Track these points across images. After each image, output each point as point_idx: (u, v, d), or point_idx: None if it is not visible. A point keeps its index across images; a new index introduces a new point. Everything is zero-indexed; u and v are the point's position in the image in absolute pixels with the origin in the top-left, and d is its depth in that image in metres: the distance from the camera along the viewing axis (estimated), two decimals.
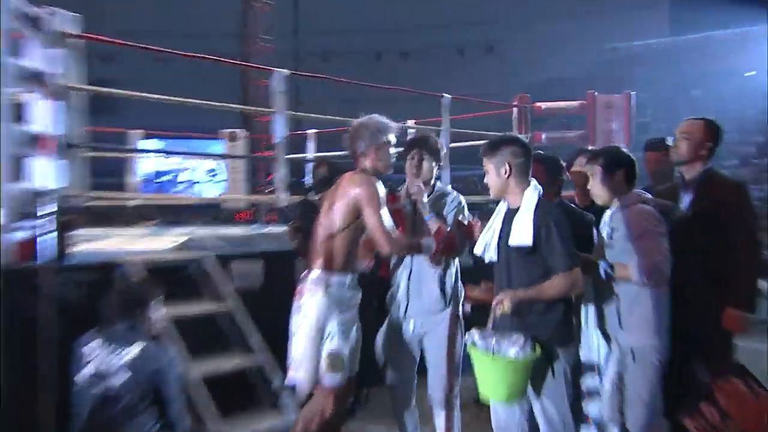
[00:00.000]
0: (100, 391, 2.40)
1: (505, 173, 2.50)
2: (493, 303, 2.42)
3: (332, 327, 2.53)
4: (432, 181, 3.08)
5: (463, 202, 3.08)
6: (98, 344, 2.50)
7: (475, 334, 2.42)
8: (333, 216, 2.58)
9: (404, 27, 25.58)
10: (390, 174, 2.80)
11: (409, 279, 3.02)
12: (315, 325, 2.51)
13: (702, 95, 24.02)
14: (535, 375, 2.41)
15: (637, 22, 25.50)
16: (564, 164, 3.05)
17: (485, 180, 2.59)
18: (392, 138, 2.71)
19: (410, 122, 7.17)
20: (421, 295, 3.00)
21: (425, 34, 26.06)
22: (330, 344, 2.54)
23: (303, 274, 2.66)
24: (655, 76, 26.15)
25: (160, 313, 2.65)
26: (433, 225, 2.87)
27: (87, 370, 2.45)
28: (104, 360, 2.45)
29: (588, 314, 2.66)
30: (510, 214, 2.54)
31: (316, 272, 2.58)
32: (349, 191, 2.56)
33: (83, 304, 3.00)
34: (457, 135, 6.04)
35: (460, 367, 3.03)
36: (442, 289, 2.99)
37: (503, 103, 8.22)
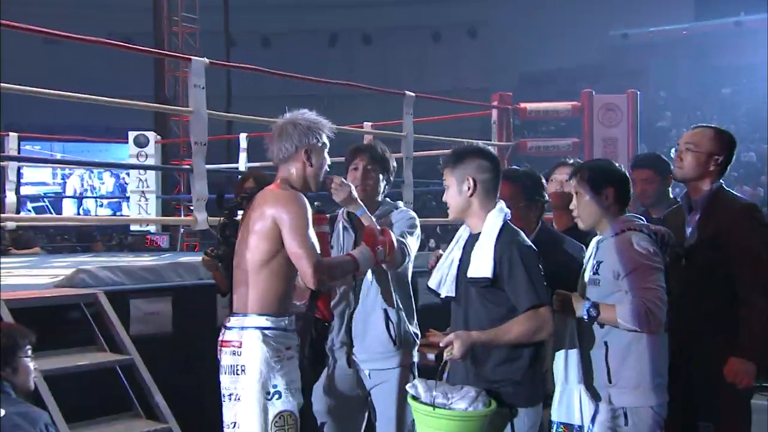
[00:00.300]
0: None
1: (468, 190, 2.58)
2: (442, 343, 2.48)
3: (279, 383, 2.58)
4: (379, 198, 3.17)
5: (416, 221, 3.16)
6: None
7: (418, 384, 2.48)
8: (253, 245, 2.61)
9: (366, 2, 25.88)
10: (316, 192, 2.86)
11: (350, 319, 3.09)
12: (260, 383, 2.55)
13: (733, 94, 24.82)
14: None
15: (654, 3, 26.25)
16: (544, 181, 3.15)
17: (444, 197, 2.66)
18: (326, 140, 2.74)
19: (367, 125, 7.31)
20: (365, 338, 3.07)
21: (393, 12, 26.42)
22: (279, 404, 2.58)
23: (227, 320, 2.69)
24: (676, 71, 26.96)
25: (30, 367, 2.65)
26: (364, 220, 2.95)
27: None
28: None
29: (568, 365, 2.69)
30: (471, 241, 2.62)
31: (250, 318, 2.61)
32: (266, 211, 2.60)
33: None
34: (423, 142, 6.17)
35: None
36: (389, 329, 3.06)
37: (478, 103, 8.44)
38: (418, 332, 3.21)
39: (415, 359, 3.19)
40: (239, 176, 4.71)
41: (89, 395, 3.36)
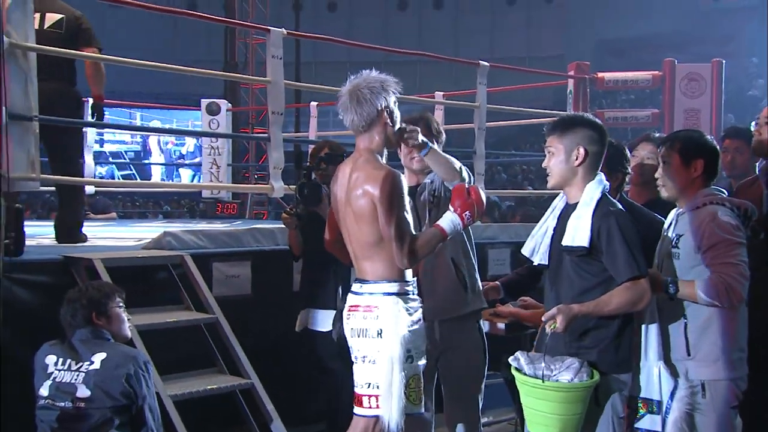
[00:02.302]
0: (67, 407, 2.74)
1: (576, 159, 2.65)
2: (544, 317, 2.55)
3: (412, 346, 2.72)
4: (426, 170, 3.31)
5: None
6: (59, 354, 2.84)
7: (520, 357, 2.54)
8: (364, 225, 2.72)
9: None
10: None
11: (418, 271, 3.15)
12: (400, 346, 2.68)
13: None
14: None
15: None
16: (628, 153, 3.24)
17: (545, 163, 2.74)
18: (394, 99, 2.80)
19: (438, 95, 7.46)
20: (435, 288, 3.23)
21: None
22: (413, 367, 2.73)
23: (355, 285, 2.83)
24: None
25: (125, 317, 2.97)
26: (436, 161, 3.04)
27: (50, 384, 2.78)
28: (67, 372, 2.79)
29: (648, 340, 2.74)
30: (567, 211, 2.70)
31: (385, 284, 2.74)
32: (366, 191, 2.69)
33: (39, 308, 3.35)
34: (493, 112, 6.28)
35: (483, 396, 3.30)
36: (459, 277, 3.23)
37: (554, 73, 8.45)
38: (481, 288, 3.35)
39: (486, 328, 3.36)
40: (312, 144, 4.98)
41: (177, 351, 3.69)
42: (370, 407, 2.71)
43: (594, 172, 2.68)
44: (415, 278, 3.12)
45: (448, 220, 2.76)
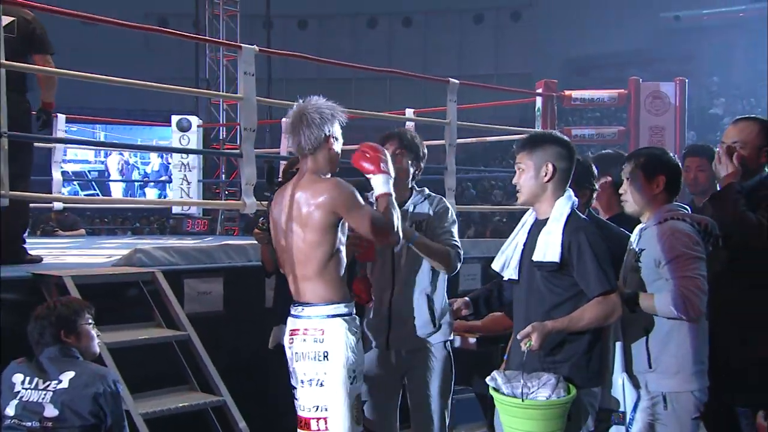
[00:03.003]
0: (34, 426, 2.68)
1: (545, 175, 2.69)
2: (519, 336, 2.57)
3: (356, 367, 2.76)
4: (409, 184, 3.34)
5: (451, 210, 3.33)
6: (26, 373, 2.78)
7: (496, 376, 2.57)
8: (312, 239, 2.74)
9: None
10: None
11: (390, 302, 3.27)
12: (346, 368, 2.72)
13: None
14: None
15: None
16: (595, 170, 3.27)
17: (515, 180, 2.77)
18: (338, 128, 2.86)
19: (409, 111, 7.50)
20: (406, 321, 3.26)
21: None
22: (357, 387, 2.77)
23: (294, 309, 2.85)
24: (731, 56, 26.50)
25: (94, 334, 2.92)
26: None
27: (16, 403, 2.72)
28: (34, 391, 2.73)
29: (612, 353, 2.80)
30: (537, 227, 2.74)
31: (328, 307, 2.76)
32: (317, 203, 2.72)
33: (7, 326, 3.26)
34: (462, 129, 6.33)
35: (451, 413, 3.32)
36: (432, 312, 3.25)
37: (523, 91, 8.54)
38: (450, 314, 3.37)
39: (457, 343, 3.38)
40: (284, 161, 4.96)
41: (148, 368, 3.63)
42: (319, 430, 2.73)
43: (563, 188, 2.72)
44: (385, 308, 3.23)
45: (378, 182, 2.80)
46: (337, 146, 2.85)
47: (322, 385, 2.73)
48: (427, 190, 3.40)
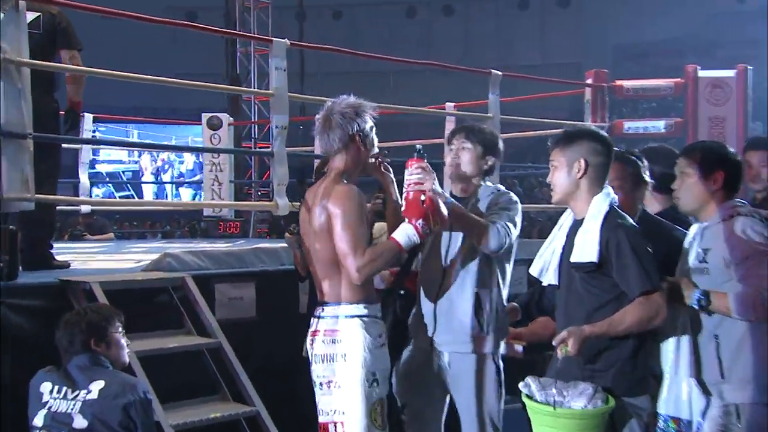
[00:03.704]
0: None
1: (578, 172, 2.70)
2: (555, 341, 2.56)
3: (377, 370, 2.80)
4: (477, 180, 3.29)
5: (517, 204, 3.24)
6: (55, 382, 2.85)
7: (531, 383, 2.56)
8: (323, 242, 2.83)
9: None
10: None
11: (437, 296, 3.24)
12: (364, 370, 2.77)
13: None
14: None
15: None
16: (645, 163, 3.22)
17: (549, 178, 2.81)
18: (372, 121, 2.93)
19: (449, 105, 7.49)
20: (451, 319, 3.21)
21: None
22: (377, 392, 2.81)
23: (316, 310, 2.92)
24: None
25: (124, 342, 2.98)
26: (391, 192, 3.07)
27: (45, 413, 2.79)
28: (63, 401, 2.80)
29: (679, 356, 2.76)
30: (575, 227, 2.74)
31: (346, 306, 2.83)
32: (325, 207, 2.81)
33: (34, 334, 3.36)
34: (507, 123, 6.31)
35: (501, 425, 3.27)
36: (479, 313, 3.19)
37: (570, 81, 8.47)
38: (507, 320, 3.32)
39: (502, 350, 3.34)
40: (318, 159, 5.00)
41: (179, 377, 3.70)
42: None
43: (599, 184, 2.72)
44: (432, 304, 3.20)
45: (403, 231, 2.80)
46: (368, 143, 2.93)
47: (339, 387, 2.80)
48: (501, 188, 3.35)
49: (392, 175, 3.09)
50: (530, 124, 7.03)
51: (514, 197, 3.28)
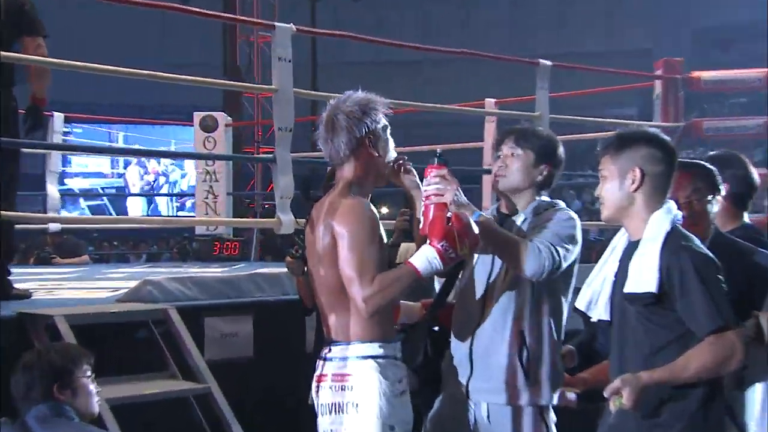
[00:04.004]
0: None
1: (632, 184, 2.67)
2: (606, 392, 2.53)
3: (395, 422, 2.76)
4: (528, 194, 3.22)
5: (575, 222, 3.17)
6: None
7: None
8: (331, 267, 2.78)
9: None
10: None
11: (473, 334, 3.18)
12: (380, 422, 2.73)
13: None
14: None
15: None
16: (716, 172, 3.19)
17: (598, 191, 2.77)
18: (385, 120, 2.90)
19: (490, 102, 7.48)
20: (489, 363, 3.15)
21: None
22: None
23: (324, 350, 2.89)
24: None
25: (93, 389, 2.99)
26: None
27: None
28: None
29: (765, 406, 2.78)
30: (630, 251, 2.71)
31: (357, 346, 2.80)
32: (329, 225, 2.78)
33: None
34: (561, 124, 6.29)
35: None
36: (522, 356, 3.12)
37: (636, 73, 8.39)
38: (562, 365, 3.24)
39: (555, 401, 3.28)
40: (328, 167, 4.98)
41: (159, 428, 3.71)
42: None
43: (659, 199, 2.69)
44: (467, 343, 3.16)
45: (422, 254, 2.74)
46: (380, 147, 2.90)
47: None
48: (560, 204, 3.26)
49: (418, 180, 3.05)
50: (586, 124, 7.00)
51: (570, 213, 3.21)
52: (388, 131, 2.93)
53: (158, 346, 3.91)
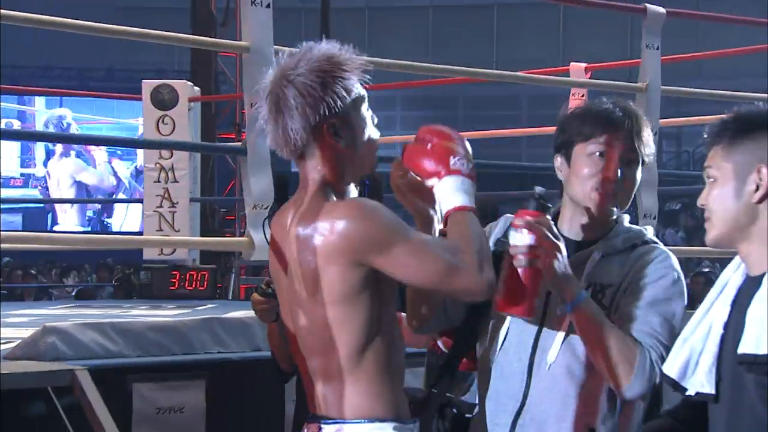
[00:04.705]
0: None
1: (757, 191, 2.65)
2: None
3: None
4: (612, 215, 3.24)
5: (674, 272, 3.18)
6: None
7: None
8: (317, 307, 2.78)
9: None
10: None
11: (517, 415, 3.18)
12: None
13: None
14: None
15: None
16: None
17: (701, 200, 2.74)
18: (358, 89, 2.83)
19: (578, 67, 7.48)
20: None
21: None
22: None
23: (311, 426, 2.89)
24: None
25: None
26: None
27: None
28: None
29: None
30: (748, 290, 2.70)
31: (357, 426, 2.81)
32: (319, 244, 2.74)
33: None
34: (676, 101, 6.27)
35: None
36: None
37: None
38: None
39: None
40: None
41: None
42: None
43: None
44: (510, 412, 3.14)
45: (448, 188, 2.78)
46: (357, 132, 2.87)
47: None
48: (648, 232, 3.29)
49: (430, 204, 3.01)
50: (715, 99, 6.95)
51: (669, 256, 3.21)
52: (365, 103, 2.88)
53: (60, 425, 3.90)
